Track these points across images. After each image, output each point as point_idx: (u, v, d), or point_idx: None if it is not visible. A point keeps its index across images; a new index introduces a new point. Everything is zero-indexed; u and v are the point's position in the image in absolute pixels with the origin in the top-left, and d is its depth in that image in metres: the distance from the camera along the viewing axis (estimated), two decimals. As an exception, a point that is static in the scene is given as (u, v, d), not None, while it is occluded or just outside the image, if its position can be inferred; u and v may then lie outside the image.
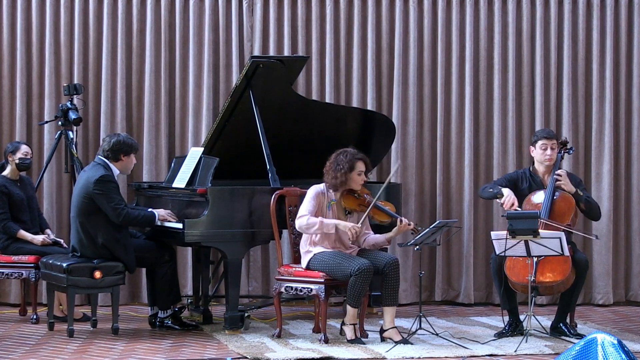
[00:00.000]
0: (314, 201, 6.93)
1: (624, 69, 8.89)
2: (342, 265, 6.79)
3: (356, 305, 6.84)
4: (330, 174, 6.94)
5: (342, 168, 6.89)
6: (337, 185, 6.94)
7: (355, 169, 6.92)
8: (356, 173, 6.93)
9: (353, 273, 6.72)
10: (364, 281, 6.75)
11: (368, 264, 6.75)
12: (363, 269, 6.71)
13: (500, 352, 6.68)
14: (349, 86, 8.74)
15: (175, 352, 6.63)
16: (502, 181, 7.43)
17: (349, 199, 7.00)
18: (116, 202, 7.06)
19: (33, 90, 8.57)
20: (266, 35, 8.64)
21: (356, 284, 6.73)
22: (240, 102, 7.56)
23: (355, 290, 6.76)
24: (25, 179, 7.97)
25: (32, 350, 6.67)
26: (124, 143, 7.20)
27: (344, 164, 6.90)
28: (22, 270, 7.63)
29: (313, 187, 7.01)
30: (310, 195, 6.96)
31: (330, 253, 6.91)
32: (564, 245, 6.78)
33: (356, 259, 6.81)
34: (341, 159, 6.92)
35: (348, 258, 6.83)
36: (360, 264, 6.73)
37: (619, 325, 7.91)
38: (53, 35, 8.53)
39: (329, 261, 6.87)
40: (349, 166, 6.90)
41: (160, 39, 8.59)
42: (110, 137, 7.27)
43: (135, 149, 7.27)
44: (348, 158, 6.92)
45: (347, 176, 6.90)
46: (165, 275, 7.34)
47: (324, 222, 6.86)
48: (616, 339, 5.11)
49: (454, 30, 8.76)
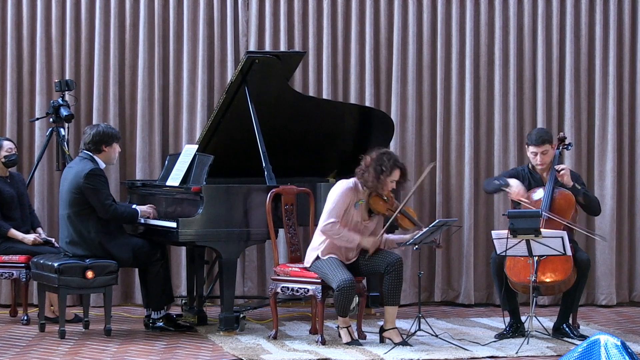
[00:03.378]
0: (343, 201, 6.84)
1: (627, 64, 8.88)
2: (328, 277, 6.81)
3: (343, 315, 6.85)
4: (371, 173, 6.81)
5: (386, 170, 6.80)
6: (374, 186, 6.84)
7: (392, 175, 6.84)
8: (391, 179, 6.85)
9: (335, 289, 6.74)
10: (345, 297, 6.73)
11: (349, 280, 6.70)
12: (342, 287, 6.70)
13: (501, 354, 6.66)
14: (347, 82, 8.73)
15: (169, 354, 6.61)
16: (504, 176, 7.42)
17: (377, 201, 6.92)
18: (105, 197, 7.07)
19: (24, 86, 8.55)
20: (262, 30, 8.63)
21: (338, 298, 6.76)
22: (235, 99, 7.54)
23: (339, 303, 6.78)
24: (15, 176, 7.93)
25: (23, 352, 6.65)
26: (104, 133, 7.18)
27: (387, 167, 6.81)
28: (13, 270, 7.59)
29: (341, 182, 6.92)
30: (339, 193, 6.86)
31: (327, 261, 6.87)
32: (566, 245, 6.76)
33: (341, 272, 6.75)
34: (385, 161, 6.82)
35: (336, 269, 6.79)
36: (340, 281, 6.70)
37: (623, 326, 7.90)
38: (44, 30, 8.50)
39: (322, 269, 6.87)
40: (391, 169, 6.82)
41: (154, 33, 8.57)
42: (90, 129, 7.25)
43: (117, 138, 7.25)
44: (392, 163, 6.82)
45: (385, 179, 6.82)
46: (157, 274, 7.33)
47: (349, 234, 6.81)
48: (620, 340, 5.11)
49: (453, 25, 8.74)
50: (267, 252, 8.57)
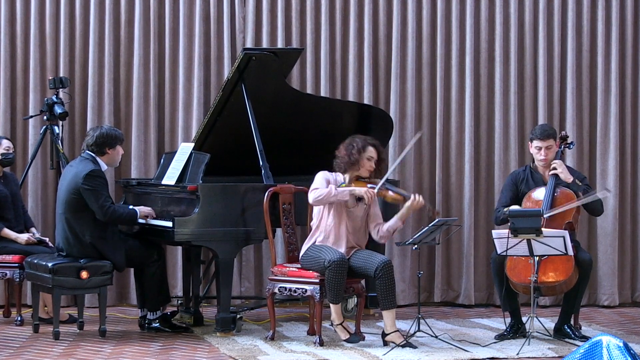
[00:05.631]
0: (323, 177, 6.98)
1: (630, 61, 8.85)
2: (320, 258, 6.81)
3: (336, 301, 6.82)
4: (342, 152, 6.98)
5: (355, 146, 6.94)
6: (347, 164, 6.96)
7: (366, 151, 6.95)
8: (366, 157, 6.95)
9: (326, 266, 6.73)
10: (338, 274, 6.72)
11: (341, 256, 6.74)
12: (334, 261, 6.71)
13: (501, 355, 6.65)
14: (345, 79, 8.71)
15: (164, 355, 6.61)
16: (504, 197, 7.38)
17: (359, 183, 7.00)
18: (104, 199, 7.05)
19: (17, 83, 8.52)
20: (259, 27, 8.61)
21: (329, 278, 6.73)
22: (232, 96, 7.53)
23: (330, 285, 6.75)
24: (9, 175, 7.90)
25: (17, 353, 6.63)
26: (107, 135, 7.18)
27: (359, 145, 6.96)
28: (6, 270, 7.55)
29: (321, 172, 7.03)
30: (322, 176, 7.00)
31: (315, 246, 6.91)
32: (568, 244, 6.75)
33: (331, 251, 6.79)
34: (356, 141, 7.00)
35: (325, 250, 6.82)
36: (332, 257, 6.72)
37: (625, 327, 7.88)
38: (38, 27, 8.47)
39: (311, 254, 6.89)
40: (362, 146, 6.95)
41: (149, 30, 8.54)
42: (94, 131, 7.24)
43: (120, 140, 7.26)
44: (362, 141, 6.99)
45: (359, 156, 6.93)
46: (154, 275, 7.31)
47: (338, 190, 6.89)
48: (622, 341, 5.10)
49: (453, 21, 8.71)
50: (265, 252, 8.55)
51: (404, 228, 8.43)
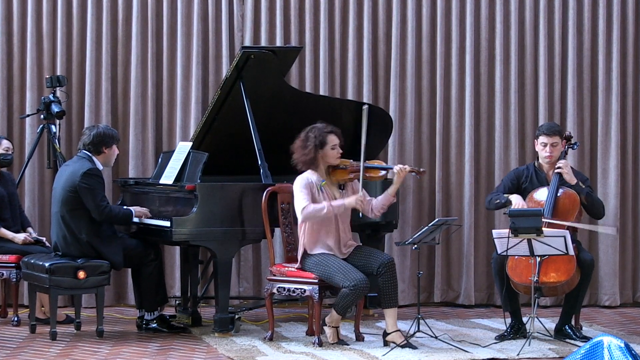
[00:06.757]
0: (304, 185, 6.88)
1: (631, 59, 8.85)
2: (336, 276, 6.73)
3: (342, 314, 6.84)
4: (299, 151, 6.91)
5: (311, 144, 6.85)
6: (307, 162, 6.88)
7: (327, 143, 6.88)
8: (330, 147, 6.89)
9: (347, 287, 6.67)
10: (357, 297, 6.73)
11: (365, 280, 6.68)
12: (360, 287, 6.66)
13: (502, 356, 6.65)
14: (344, 78, 8.71)
15: (162, 356, 6.60)
16: (504, 185, 7.38)
17: (336, 172, 6.96)
18: (100, 198, 7.07)
19: (14, 82, 8.52)
20: (257, 25, 8.61)
21: (348, 297, 6.71)
22: (230, 95, 7.52)
23: (345, 301, 6.74)
24: (5, 175, 7.88)
25: (13, 353, 6.61)
26: (104, 135, 7.18)
27: (313, 140, 6.86)
28: (3, 270, 7.54)
29: (298, 178, 6.95)
30: (300, 185, 6.89)
31: (328, 258, 6.82)
32: (569, 244, 6.74)
33: (354, 272, 6.71)
34: (310, 136, 6.89)
35: (345, 268, 6.75)
36: (356, 280, 6.66)
37: (626, 327, 7.88)
38: (35, 25, 8.47)
39: (325, 267, 6.80)
40: (320, 142, 6.86)
41: (147, 28, 8.53)
42: (90, 130, 7.24)
43: (116, 140, 7.27)
44: (317, 133, 6.88)
45: (321, 153, 6.85)
46: (151, 274, 7.31)
47: (332, 205, 6.81)
48: (623, 342, 5.09)
49: (453, 20, 8.70)
50: (263, 252, 8.54)
51: (404, 228, 8.47)
